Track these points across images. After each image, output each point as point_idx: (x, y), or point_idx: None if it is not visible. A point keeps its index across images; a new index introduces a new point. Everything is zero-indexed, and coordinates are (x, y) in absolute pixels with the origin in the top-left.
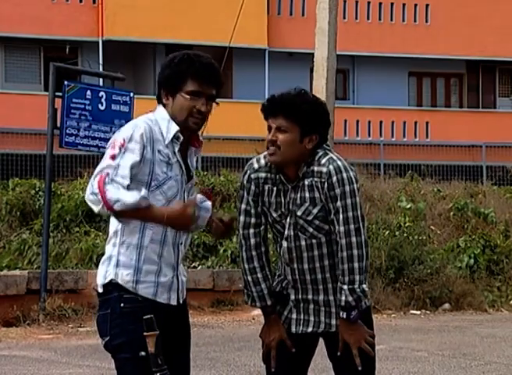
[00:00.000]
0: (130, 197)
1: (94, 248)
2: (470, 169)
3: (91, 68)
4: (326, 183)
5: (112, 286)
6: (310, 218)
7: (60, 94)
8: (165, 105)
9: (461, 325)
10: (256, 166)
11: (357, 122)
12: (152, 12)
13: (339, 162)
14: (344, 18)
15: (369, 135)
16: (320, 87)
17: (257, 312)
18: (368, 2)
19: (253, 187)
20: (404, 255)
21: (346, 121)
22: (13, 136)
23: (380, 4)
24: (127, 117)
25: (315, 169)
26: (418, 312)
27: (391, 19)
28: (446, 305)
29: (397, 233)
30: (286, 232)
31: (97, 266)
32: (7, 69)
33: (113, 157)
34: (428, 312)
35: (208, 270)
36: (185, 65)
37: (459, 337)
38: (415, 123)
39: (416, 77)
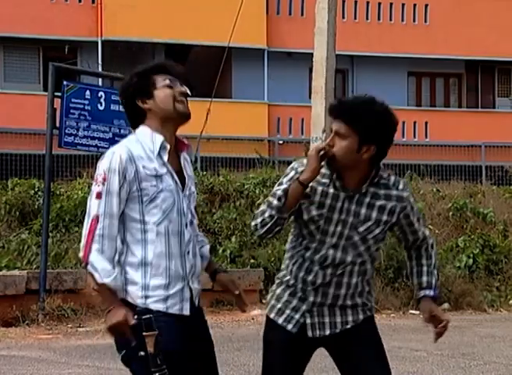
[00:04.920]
0: (103, 273)
1: None
2: (469, 169)
3: (90, 68)
4: (404, 209)
5: (123, 302)
6: (369, 236)
7: (59, 94)
8: (143, 121)
9: (460, 325)
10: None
11: None
12: (151, 12)
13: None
14: (343, 18)
15: None
16: (319, 87)
17: (257, 312)
18: (367, 2)
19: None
20: (403, 255)
21: None
22: (12, 136)
23: (379, 4)
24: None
25: (394, 193)
26: (417, 312)
27: (390, 19)
28: (445, 305)
29: None
30: (333, 240)
31: None
32: (6, 69)
33: (99, 195)
34: None
35: None
36: (145, 69)
37: (458, 337)
38: (414, 123)
39: (415, 77)
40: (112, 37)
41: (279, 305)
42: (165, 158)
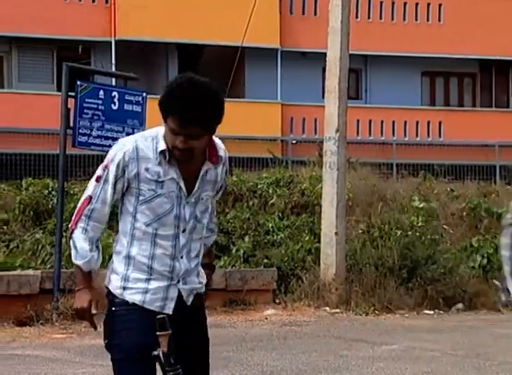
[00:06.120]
0: (80, 252)
1: (106, 247)
2: (483, 168)
3: (104, 68)
4: None
5: (107, 290)
6: None
7: (73, 94)
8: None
9: (475, 325)
10: None
11: (370, 121)
12: (164, 11)
13: None
14: (357, 17)
15: (382, 135)
16: (333, 86)
17: (270, 311)
18: (381, 2)
19: None
20: (417, 255)
21: (358, 121)
22: (26, 136)
23: (393, 3)
24: (140, 117)
25: None
26: (431, 312)
27: (404, 19)
28: (460, 305)
29: (410, 232)
30: None
31: None
32: (20, 69)
33: (98, 179)
34: (441, 312)
35: (221, 270)
36: (171, 100)
37: (472, 337)
38: (428, 122)
39: (429, 77)
40: (126, 37)
41: None
42: (165, 165)
